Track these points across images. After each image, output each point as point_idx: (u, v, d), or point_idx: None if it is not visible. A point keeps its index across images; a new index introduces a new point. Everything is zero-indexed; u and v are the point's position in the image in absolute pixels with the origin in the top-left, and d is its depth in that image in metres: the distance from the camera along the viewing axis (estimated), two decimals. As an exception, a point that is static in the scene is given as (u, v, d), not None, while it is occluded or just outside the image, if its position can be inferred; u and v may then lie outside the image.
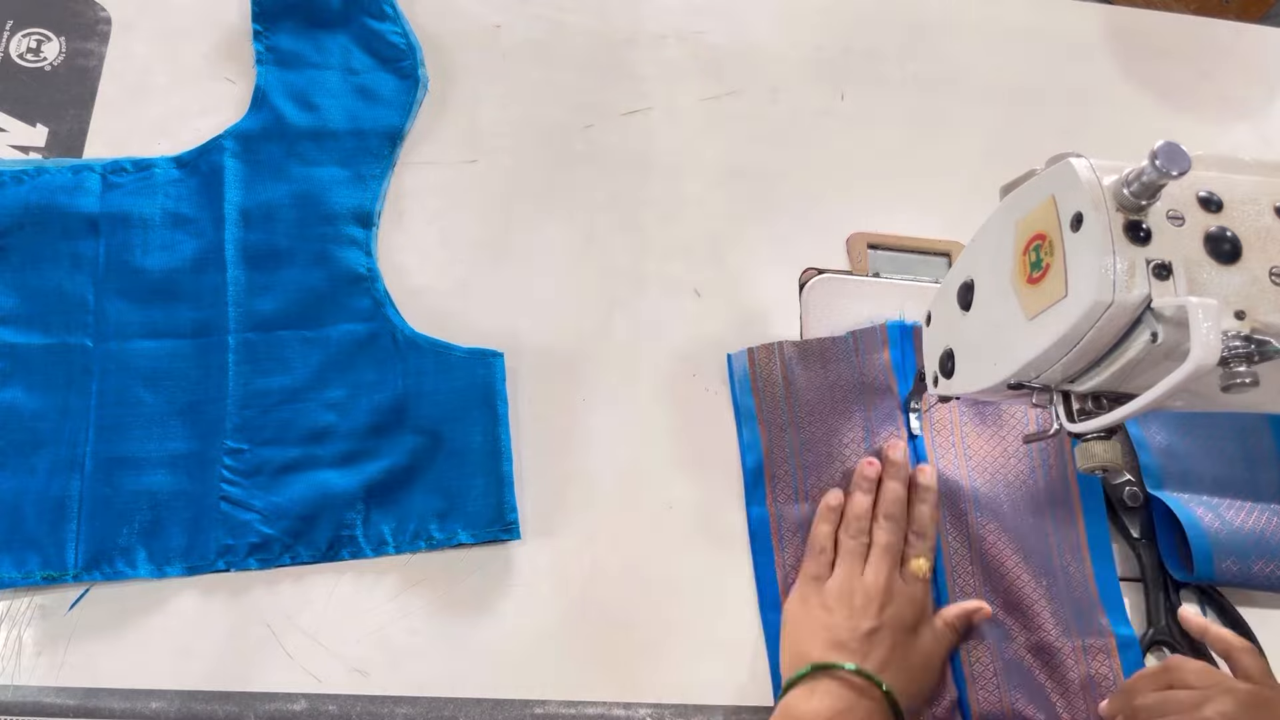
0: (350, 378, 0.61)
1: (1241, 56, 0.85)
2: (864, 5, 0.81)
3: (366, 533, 0.58)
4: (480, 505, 0.59)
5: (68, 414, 0.58)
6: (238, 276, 0.62)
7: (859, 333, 0.66)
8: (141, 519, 0.57)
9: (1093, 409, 0.46)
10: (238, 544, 0.56)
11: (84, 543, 0.56)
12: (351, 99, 0.69)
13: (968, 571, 0.60)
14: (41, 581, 0.55)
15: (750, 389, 0.64)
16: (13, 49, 0.68)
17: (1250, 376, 0.39)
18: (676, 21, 0.77)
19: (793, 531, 0.61)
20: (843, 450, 0.63)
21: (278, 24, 0.70)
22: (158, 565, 0.56)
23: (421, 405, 0.60)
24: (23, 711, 0.52)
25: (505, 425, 0.61)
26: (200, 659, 0.54)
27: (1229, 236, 0.42)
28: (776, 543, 0.60)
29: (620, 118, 0.73)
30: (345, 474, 0.59)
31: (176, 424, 0.59)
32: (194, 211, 0.64)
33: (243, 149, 0.66)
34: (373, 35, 0.70)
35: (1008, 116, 0.78)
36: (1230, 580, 0.59)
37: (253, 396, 0.60)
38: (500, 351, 0.62)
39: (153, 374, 0.60)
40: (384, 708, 0.53)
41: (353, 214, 0.65)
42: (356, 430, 0.60)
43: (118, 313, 0.61)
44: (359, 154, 0.67)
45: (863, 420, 0.64)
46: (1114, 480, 0.63)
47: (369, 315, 0.63)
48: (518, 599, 0.57)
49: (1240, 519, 0.61)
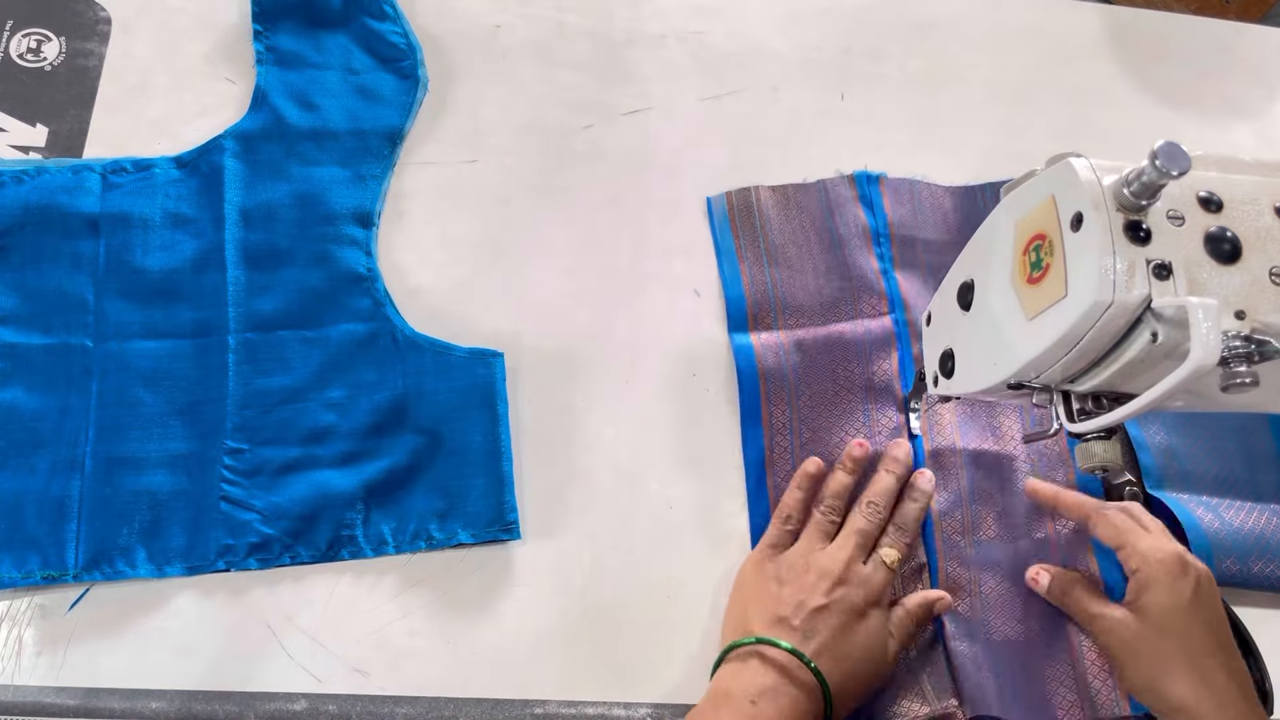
0: (350, 378, 0.61)
1: (1241, 56, 0.85)
2: (864, 5, 0.81)
3: (366, 533, 0.58)
4: (480, 505, 0.59)
5: (68, 414, 0.58)
6: (238, 276, 0.62)
7: (827, 181, 0.71)
8: (141, 519, 0.57)
9: (1093, 409, 0.46)
10: (238, 544, 0.56)
11: (84, 543, 0.56)
12: (352, 99, 0.69)
13: (959, 559, 0.60)
14: (42, 581, 0.55)
15: (730, 229, 0.69)
16: (13, 49, 0.68)
17: (1250, 376, 0.39)
18: (676, 21, 0.77)
19: (773, 354, 0.64)
20: (819, 282, 0.67)
21: (278, 24, 0.70)
22: (158, 565, 0.56)
23: (421, 405, 0.60)
24: (23, 711, 0.52)
25: (505, 425, 0.61)
26: (200, 659, 0.54)
27: (1229, 236, 0.42)
28: (762, 372, 0.64)
29: (620, 118, 0.73)
30: (345, 474, 0.59)
31: (176, 424, 0.59)
32: (194, 211, 0.64)
33: (243, 149, 0.66)
34: (373, 35, 0.70)
35: (1008, 116, 0.78)
36: (1230, 580, 0.59)
37: (253, 396, 0.60)
38: (500, 351, 0.62)
39: (153, 374, 0.60)
40: (384, 708, 0.54)
41: (353, 214, 0.65)
42: (356, 430, 0.60)
43: (118, 313, 0.61)
44: (359, 154, 0.67)
45: (837, 258, 0.68)
46: (1114, 480, 0.63)
47: (369, 315, 0.63)
48: (518, 599, 0.57)
49: (1240, 519, 0.61)
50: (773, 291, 0.66)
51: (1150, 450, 0.64)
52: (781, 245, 0.68)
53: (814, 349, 0.65)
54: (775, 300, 0.66)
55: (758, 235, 0.68)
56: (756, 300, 0.66)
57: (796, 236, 0.69)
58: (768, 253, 0.68)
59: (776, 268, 0.67)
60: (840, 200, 0.70)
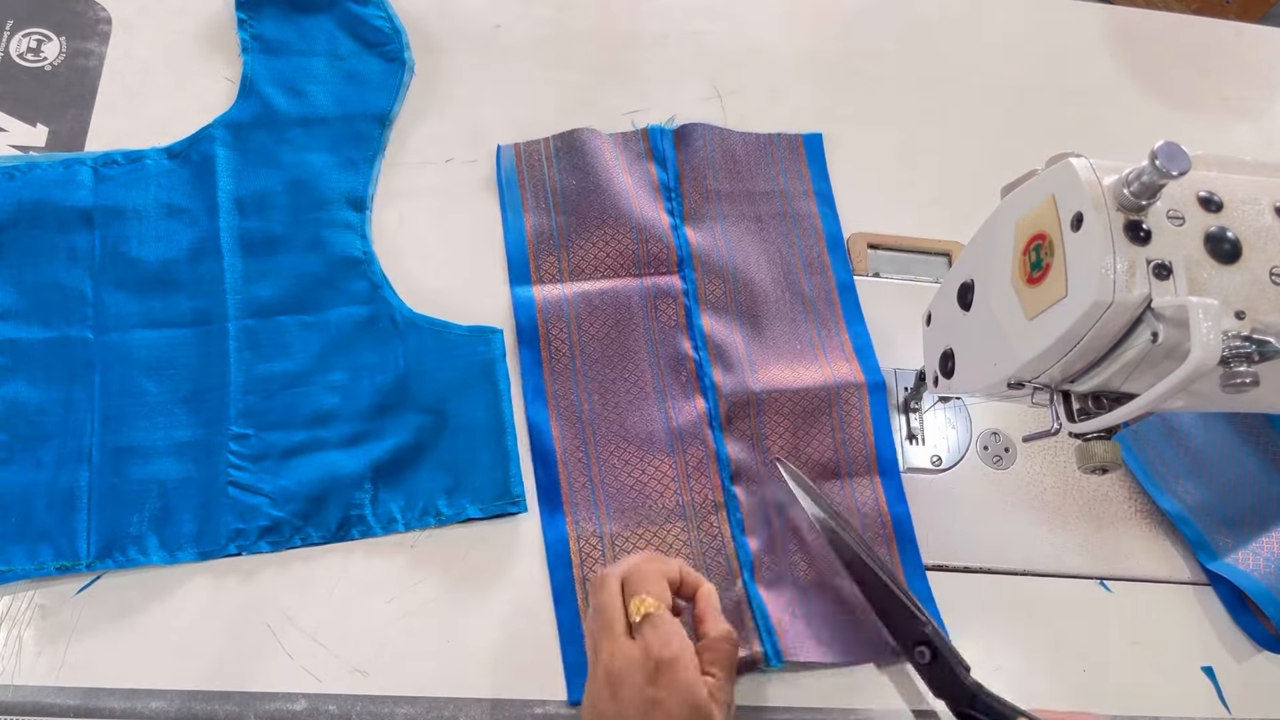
0: (351, 360, 0.61)
1: (1241, 56, 0.85)
2: (864, 5, 0.81)
3: (375, 511, 0.58)
4: (486, 480, 0.59)
5: (72, 406, 0.58)
6: (234, 264, 0.63)
7: (621, 134, 0.70)
8: (151, 507, 0.57)
9: (1093, 409, 0.46)
10: (248, 528, 0.56)
11: (95, 532, 0.56)
12: (338, 84, 0.69)
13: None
14: (55, 572, 0.55)
15: (517, 180, 0.68)
16: (13, 49, 0.68)
17: (1250, 376, 0.39)
18: (676, 21, 0.77)
19: (555, 307, 0.63)
20: (608, 233, 0.66)
21: (261, 11, 0.70)
22: (170, 552, 0.56)
23: (424, 384, 0.61)
24: (23, 711, 0.52)
25: (507, 400, 0.61)
26: (200, 659, 0.54)
27: (1229, 236, 0.42)
28: (542, 325, 0.63)
29: (620, 118, 0.73)
30: (351, 455, 0.59)
31: (181, 412, 0.59)
32: (187, 201, 0.64)
33: (233, 138, 0.66)
34: (357, 20, 0.71)
35: (1008, 116, 0.78)
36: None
37: (255, 382, 0.60)
38: (499, 328, 0.63)
39: (154, 363, 0.60)
40: (384, 708, 0.53)
41: (345, 198, 0.65)
42: (360, 411, 0.60)
43: (116, 304, 0.61)
44: (348, 138, 0.67)
45: (627, 210, 0.66)
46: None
47: (367, 298, 0.63)
48: (518, 600, 0.57)
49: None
50: (558, 238, 0.66)
51: (1188, 511, 0.63)
52: (569, 194, 0.67)
53: (599, 302, 0.64)
54: (561, 248, 0.66)
55: (544, 184, 0.67)
56: (539, 250, 0.66)
57: (585, 185, 0.67)
58: (554, 202, 0.67)
59: (564, 215, 0.67)
60: (633, 156, 0.70)
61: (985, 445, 0.66)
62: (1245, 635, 0.61)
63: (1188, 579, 0.63)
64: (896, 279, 0.70)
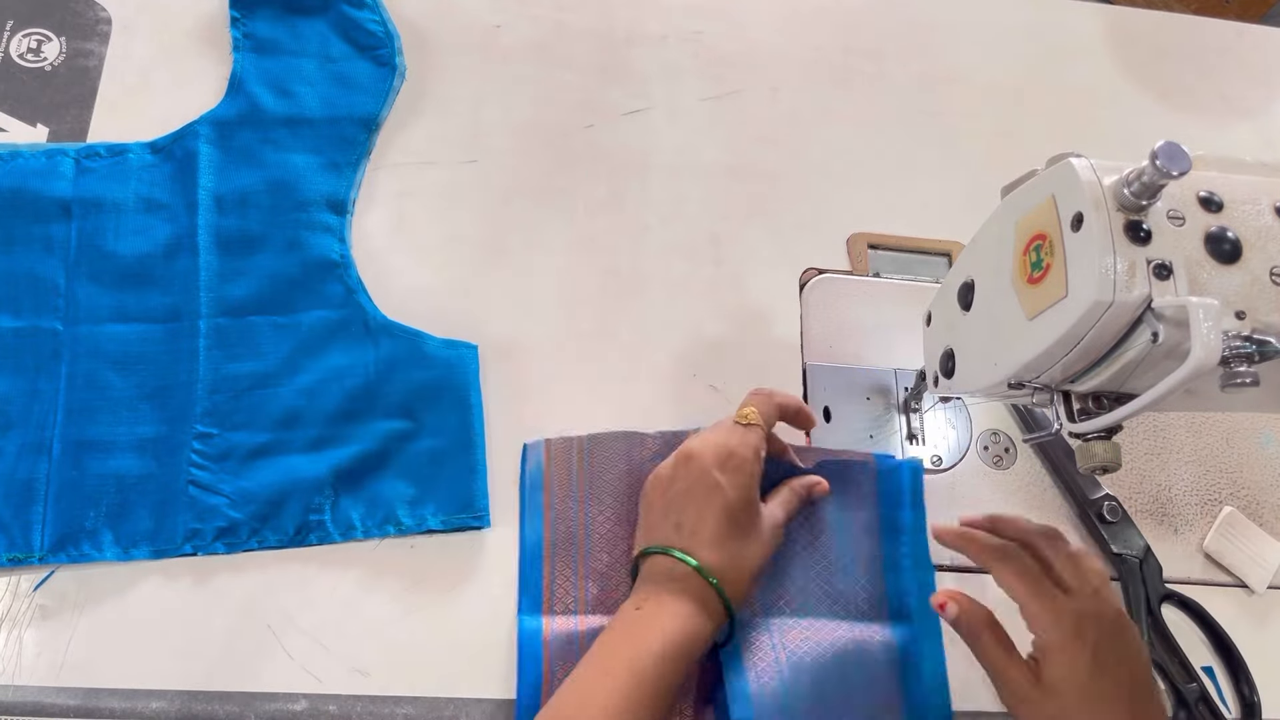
0: (321, 363, 0.61)
1: (1241, 56, 0.85)
2: (864, 5, 0.81)
3: (334, 517, 0.57)
4: (451, 492, 0.58)
5: (36, 397, 0.58)
6: (210, 262, 0.62)
7: (667, 433, 0.61)
8: (109, 502, 0.56)
9: (1093, 409, 0.46)
10: (205, 528, 0.56)
11: (50, 525, 0.55)
12: (328, 86, 0.69)
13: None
14: (7, 563, 0.54)
15: (542, 483, 0.60)
16: (13, 49, 0.68)
17: (1250, 376, 0.39)
18: (676, 21, 0.77)
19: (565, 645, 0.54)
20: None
21: (255, 10, 0.70)
22: (124, 548, 0.56)
23: (393, 392, 0.60)
24: (23, 711, 0.52)
25: (478, 415, 0.60)
26: (200, 659, 0.54)
27: (1229, 236, 0.42)
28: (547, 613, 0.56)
29: (620, 118, 0.73)
30: (314, 459, 0.58)
31: (146, 408, 0.59)
32: (167, 197, 0.64)
33: (217, 135, 0.66)
34: (350, 23, 0.70)
35: (1008, 116, 0.78)
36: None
37: (223, 381, 0.60)
38: (474, 344, 0.62)
39: (123, 358, 0.60)
40: (384, 708, 0.53)
41: (326, 200, 0.65)
42: (327, 416, 0.59)
43: (89, 296, 0.61)
44: (333, 141, 0.67)
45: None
46: (1092, 495, 0.63)
47: (341, 302, 0.62)
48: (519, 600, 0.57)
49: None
50: (577, 557, 0.58)
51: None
52: (594, 489, 0.59)
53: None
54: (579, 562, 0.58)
55: (572, 478, 0.60)
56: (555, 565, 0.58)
57: (611, 481, 0.60)
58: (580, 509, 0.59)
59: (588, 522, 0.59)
60: (647, 455, 0.61)
61: (985, 445, 0.66)
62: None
63: (1188, 579, 0.63)
64: (896, 279, 0.70)
